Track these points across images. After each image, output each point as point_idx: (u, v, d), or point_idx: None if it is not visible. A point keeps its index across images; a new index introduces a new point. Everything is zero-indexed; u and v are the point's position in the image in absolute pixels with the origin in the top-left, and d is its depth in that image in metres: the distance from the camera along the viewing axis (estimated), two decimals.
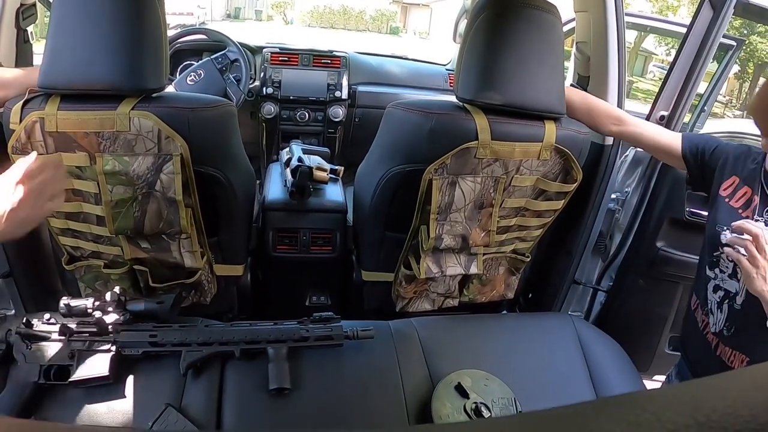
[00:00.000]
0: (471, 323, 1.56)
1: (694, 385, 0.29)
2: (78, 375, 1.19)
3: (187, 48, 2.84)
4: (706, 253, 1.45)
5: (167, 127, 1.28)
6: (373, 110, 2.83)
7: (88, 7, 1.21)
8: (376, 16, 30.27)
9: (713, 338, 1.43)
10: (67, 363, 1.21)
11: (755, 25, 12.46)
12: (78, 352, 1.22)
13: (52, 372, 1.20)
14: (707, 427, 0.23)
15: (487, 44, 1.37)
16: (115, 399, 1.19)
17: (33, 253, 1.67)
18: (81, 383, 1.19)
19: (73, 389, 1.20)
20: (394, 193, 1.53)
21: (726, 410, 0.24)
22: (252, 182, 1.63)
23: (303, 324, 1.26)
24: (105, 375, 1.18)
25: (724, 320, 1.40)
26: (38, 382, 1.20)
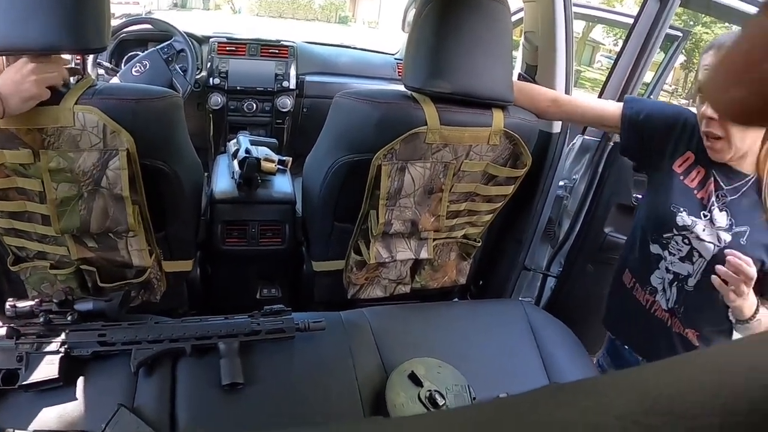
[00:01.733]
0: (423, 311, 1.58)
1: (640, 371, 0.29)
2: (27, 378, 1.17)
3: (132, 38, 2.77)
4: (651, 232, 1.46)
5: (112, 122, 1.25)
6: (321, 100, 2.82)
7: None
8: (325, 6, 30.09)
9: (666, 315, 1.47)
10: (15, 367, 1.18)
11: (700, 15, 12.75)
12: (26, 355, 1.19)
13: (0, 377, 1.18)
14: (654, 413, 0.23)
15: (435, 33, 1.37)
16: (66, 402, 1.16)
17: None
18: (31, 387, 1.17)
19: (23, 393, 1.17)
20: (342, 183, 1.53)
21: (673, 395, 0.24)
22: (199, 175, 1.61)
23: (254, 318, 1.26)
24: (55, 378, 1.16)
25: (674, 299, 1.44)
26: None
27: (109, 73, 2.46)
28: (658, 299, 1.48)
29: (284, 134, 2.93)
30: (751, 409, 0.22)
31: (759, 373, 0.25)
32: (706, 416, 0.22)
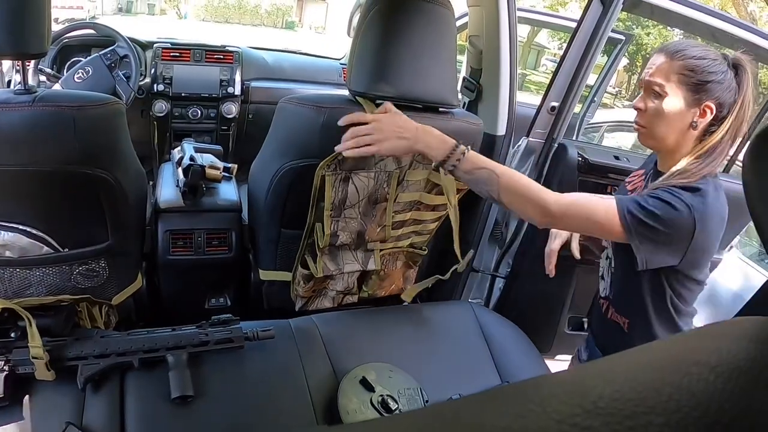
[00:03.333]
0: (372, 316, 1.59)
1: (581, 371, 0.29)
2: None
3: (75, 44, 2.71)
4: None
5: None
6: (267, 106, 2.78)
7: None
8: (272, 11, 29.98)
9: (604, 302, 1.52)
10: None
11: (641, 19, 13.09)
12: None
13: None
14: (594, 414, 0.23)
15: (380, 37, 1.38)
16: (12, 421, 1.14)
17: None
18: None
19: None
20: (288, 189, 1.53)
21: (614, 395, 0.24)
22: (143, 184, 1.58)
23: (202, 328, 1.25)
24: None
25: (609, 284, 1.49)
26: None
27: (50, 80, 2.41)
28: (600, 286, 1.53)
29: (229, 141, 2.90)
30: (695, 405, 0.23)
31: (700, 367, 0.25)
32: (649, 415, 0.22)
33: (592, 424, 0.22)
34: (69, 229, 1.42)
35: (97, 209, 1.41)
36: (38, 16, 1.21)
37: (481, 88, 1.82)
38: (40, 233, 1.39)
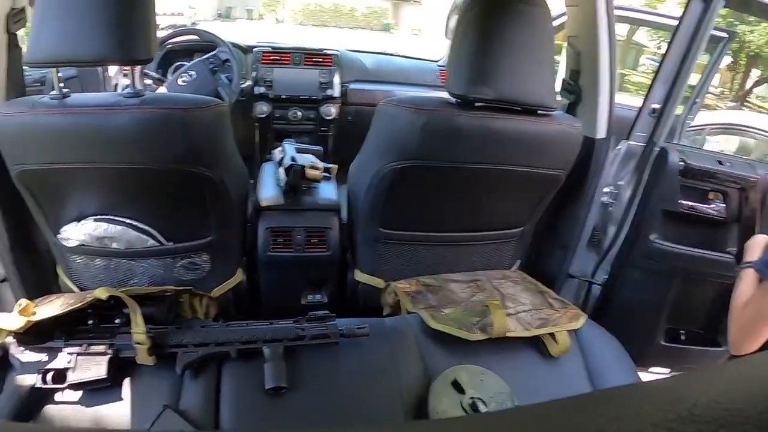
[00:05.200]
0: None
1: (677, 380, 0.29)
2: (76, 378, 1.19)
3: (178, 49, 2.83)
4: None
5: None
6: (366, 108, 2.81)
7: None
8: (368, 13, 30.07)
9: None
10: (64, 367, 1.21)
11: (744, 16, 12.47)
12: (76, 355, 1.22)
13: (49, 376, 1.20)
14: (689, 421, 0.23)
15: (477, 39, 1.37)
16: (113, 402, 1.19)
17: (29, 258, 1.67)
18: (79, 386, 1.20)
19: (72, 393, 1.20)
20: (387, 190, 1.54)
21: (710, 404, 0.24)
22: (245, 182, 1.64)
23: (299, 323, 1.26)
24: (102, 378, 1.19)
25: None
26: (36, 386, 1.20)
27: (156, 83, 2.50)
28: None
29: (329, 142, 2.94)
30: None
31: None
32: (744, 425, 0.22)
33: (686, 430, 0.23)
34: (174, 224, 1.49)
35: (201, 206, 1.46)
36: (145, 25, 1.29)
37: (581, 90, 1.77)
38: (146, 227, 1.46)
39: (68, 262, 1.58)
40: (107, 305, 1.23)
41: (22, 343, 1.24)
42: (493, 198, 1.61)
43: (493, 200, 1.61)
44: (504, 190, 1.58)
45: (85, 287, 1.59)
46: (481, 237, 1.67)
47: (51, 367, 1.21)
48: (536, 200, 1.65)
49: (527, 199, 1.64)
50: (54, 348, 1.23)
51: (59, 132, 1.33)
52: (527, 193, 1.62)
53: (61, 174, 1.40)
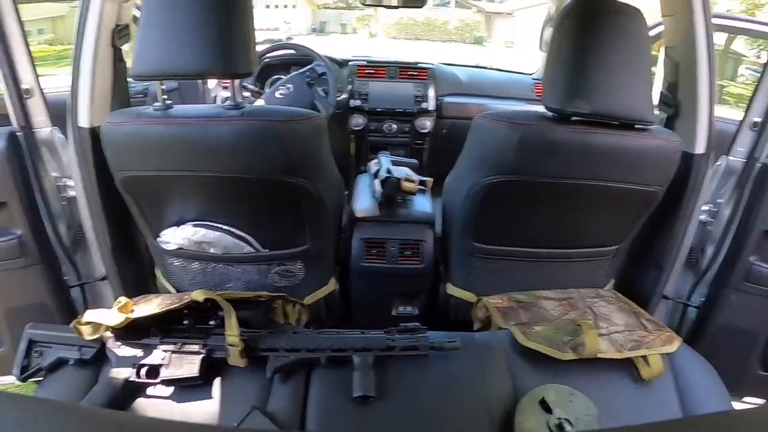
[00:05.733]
0: None
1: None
2: (168, 374, 1.23)
3: (275, 62, 2.91)
4: None
5: None
6: (460, 121, 2.80)
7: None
8: (460, 26, 29.84)
9: None
10: (158, 363, 1.25)
11: None
12: (170, 353, 1.26)
13: (143, 371, 1.24)
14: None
15: (573, 52, 1.36)
16: (202, 399, 1.22)
17: (129, 259, 1.75)
18: (171, 383, 1.24)
19: (163, 388, 1.24)
20: (482, 205, 1.53)
21: None
22: (341, 193, 1.66)
23: (389, 334, 1.26)
24: (194, 376, 1.22)
25: None
26: (129, 379, 1.24)
27: (254, 96, 2.57)
28: None
29: (424, 155, 2.95)
30: None
31: None
32: None
33: None
34: (270, 232, 1.53)
35: (297, 215, 1.50)
36: (245, 40, 1.34)
37: (679, 103, 1.70)
38: (243, 234, 1.51)
39: (166, 264, 1.65)
40: (203, 307, 1.27)
41: (120, 338, 1.30)
42: (589, 214, 1.57)
43: (589, 217, 1.58)
44: (600, 206, 1.54)
45: (182, 289, 1.65)
46: (575, 254, 1.63)
47: (145, 362, 1.26)
48: (632, 217, 1.60)
49: (623, 216, 1.60)
50: (149, 345, 1.28)
51: (162, 141, 1.39)
52: (623, 210, 1.58)
53: (163, 180, 1.46)
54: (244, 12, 1.33)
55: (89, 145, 1.55)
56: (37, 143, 1.70)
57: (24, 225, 1.70)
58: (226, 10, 1.30)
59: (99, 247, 1.70)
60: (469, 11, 30.20)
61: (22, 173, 1.66)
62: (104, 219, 1.65)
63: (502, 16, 29.19)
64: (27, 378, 1.36)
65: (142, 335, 1.29)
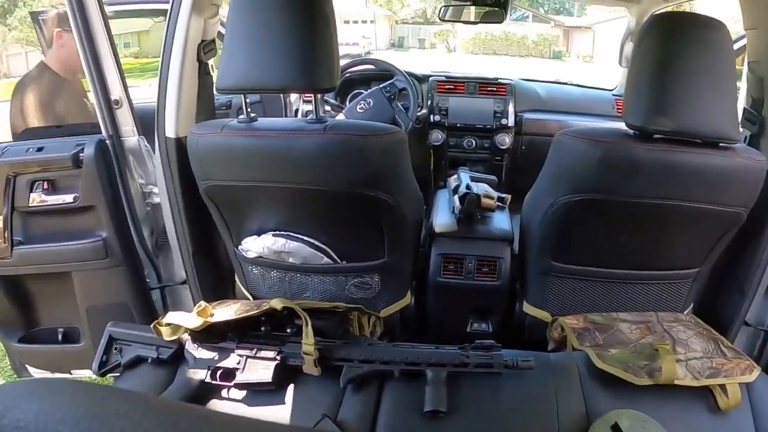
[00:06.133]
0: None
1: None
2: (243, 378, 1.26)
3: (356, 77, 2.95)
4: None
5: None
6: (539, 138, 2.81)
7: (260, 14, 1.32)
8: (538, 41, 29.61)
9: None
10: (233, 367, 1.28)
11: None
12: (245, 357, 1.29)
13: (218, 373, 1.28)
14: None
15: (655, 68, 1.32)
16: (274, 404, 1.25)
17: (209, 265, 1.82)
18: (244, 387, 1.27)
19: (237, 392, 1.27)
20: (561, 223, 1.51)
21: None
22: (420, 207, 1.67)
23: (464, 350, 1.25)
24: (268, 381, 1.25)
25: None
26: (205, 381, 1.28)
27: (334, 110, 2.62)
28: None
29: (502, 171, 2.94)
30: None
31: None
32: None
33: None
34: (349, 244, 1.56)
35: (376, 228, 1.52)
36: (329, 56, 1.36)
37: (764, 120, 1.64)
38: (321, 245, 1.54)
39: (246, 271, 1.69)
40: (280, 315, 1.29)
41: (197, 340, 1.34)
42: (670, 235, 1.53)
43: (670, 238, 1.54)
44: (681, 227, 1.50)
45: (259, 296, 1.70)
46: (654, 276, 1.59)
47: (221, 365, 1.29)
48: (715, 240, 1.55)
49: (705, 238, 1.55)
50: (226, 348, 1.32)
51: (246, 152, 1.43)
52: (706, 231, 1.53)
53: (246, 191, 1.50)
54: (328, 28, 1.36)
55: (174, 154, 1.62)
56: (125, 151, 1.78)
57: (109, 228, 1.77)
58: (310, 27, 1.33)
59: (180, 252, 1.77)
60: (547, 26, 29.89)
61: (109, 179, 1.74)
62: (186, 225, 1.71)
63: (581, 30, 28.73)
64: (105, 373, 1.43)
65: (219, 339, 1.33)
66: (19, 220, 1.81)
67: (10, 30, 13.75)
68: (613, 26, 18.52)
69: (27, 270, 1.86)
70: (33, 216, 1.81)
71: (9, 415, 0.26)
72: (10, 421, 0.26)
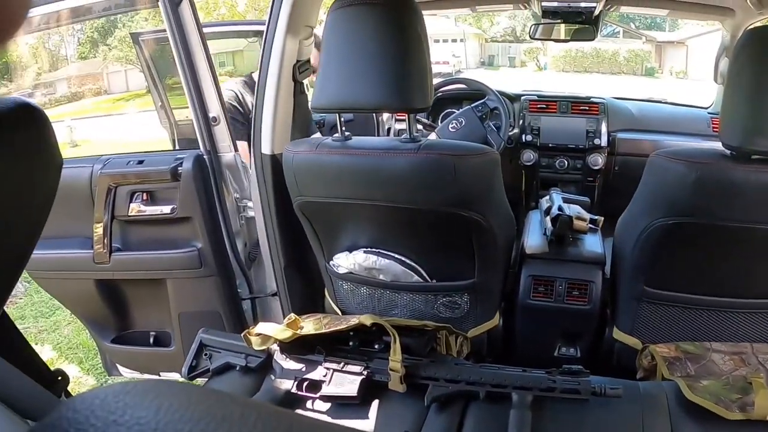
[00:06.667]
0: None
1: None
2: (329, 391, 1.30)
3: (447, 97, 2.95)
4: None
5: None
6: (633, 158, 2.73)
7: (354, 35, 1.36)
8: (630, 57, 28.84)
9: None
10: (320, 379, 1.32)
11: None
12: (332, 370, 1.32)
13: (305, 384, 1.32)
14: None
15: (753, 85, 1.26)
16: (358, 418, 1.27)
17: (299, 278, 1.86)
18: (330, 399, 1.30)
19: (322, 403, 1.31)
20: (656, 248, 1.47)
21: None
22: (512, 228, 1.66)
23: (551, 374, 1.24)
24: (353, 395, 1.27)
25: None
26: (291, 391, 1.32)
27: (427, 129, 2.63)
28: None
29: (595, 192, 2.88)
30: None
31: None
32: None
33: None
34: (439, 263, 1.57)
35: (467, 248, 1.52)
36: (422, 76, 1.38)
37: None
38: (412, 263, 1.56)
39: (336, 286, 1.73)
40: (368, 330, 1.32)
41: (285, 351, 1.38)
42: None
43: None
44: None
45: (348, 311, 1.72)
46: (751, 305, 1.52)
47: (308, 377, 1.33)
48: None
49: None
50: (313, 361, 1.36)
51: (340, 170, 1.47)
52: None
53: (339, 207, 1.53)
54: (420, 47, 1.37)
55: (270, 170, 1.67)
56: (221, 166, 1.85)
57: (204, 239, 1.84)
58: (403, 46, 1.35)
59: (272, 265, 1.82)
60: (639, 41, 29.04)
61: (206, 192, 1.81)
62: (279, 239, 1.76)
63: (674, 45, 27.74)
64: (194, 377, 1.50)
65: (307, 351, 1.37)
66: (118, 228, 1.90)
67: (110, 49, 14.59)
68: (707, 40, 17.77)
69: (123, 275, 1.95)
70: (131, 225, 1.90)
71: (130, 412, 0.28)
72: (131, 417, 0.27)
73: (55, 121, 0.70)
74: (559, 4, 2.38)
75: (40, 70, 12.30)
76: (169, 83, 2.54)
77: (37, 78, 12.20)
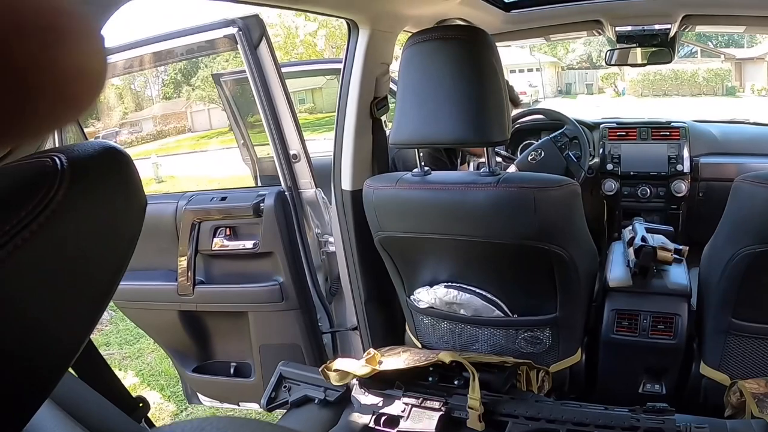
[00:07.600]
0: None
1: None
2: (406, 426, 1.30)
3: (525, 127, 2.94)
4: None
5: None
6: (717, 183, 2.66)
7: (430, 70, 1.38)
8: (709, 77, 27.83)
9: None
10: (398, 414, 1.32)
11: None
12: (410, 406, 1.33)
13: (383, 419, 1.33)
14: None
15: None
16: None
17: (380, 312, 1.89)
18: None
19: None
20: (743, 277, 1.42)
21: None
22: (594, 261, 1.64)
23: (634, 412, 1.21)
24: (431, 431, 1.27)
25: None
26: (369, 425, 1.34)
27: (506, 161, 2.63)
28: None
29: (679, 220, 2.80)
30: None
31: None
32: None
33: None
34: (520, 298, 1.56)
35: (549, 282, 1.51)
36: (499, 109, 1.39)
37: None
38: (493, 297, 1.56)
39: (417, 321, 1.73)
40: (448, 366, 1.33)
41: (364, 386, 1.40)
42: None
43: None
44: None
45: (429, 346, 1.72)
46: None
47: (386, 411, 1.34)
48: None
49: None
50: (392, 395, 1.36)
51: (420, 205, 1.48)
52: None
53: (419, 242, 1.55)
54: (496, 80, 1.38)
55: (350, 206, 1.72)
56: (303, 202, 1.90)
57: (286, 273, 1.88)
58: (478, 80, 1.37)
59: (353, 299, 1.86)
60: (718, 60, 28.12)
61: (288, 228, 1.86)
62: (360, 273, 1.80)
63: (753, 61, 26.70)
64: (272, 408, 1.53)
65: (386, 385, 1.38)
66: (201, 261, 1.98)
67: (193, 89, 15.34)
68: None
69: (206, 307, 2.02)
70: (214, 258, 1.97)
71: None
72: None
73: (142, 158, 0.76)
74: (633, 28, 2.34)
75: (126, 110, 13.03)
76: (250, 121, 2.61)
77: (123, 117, 12.94)
